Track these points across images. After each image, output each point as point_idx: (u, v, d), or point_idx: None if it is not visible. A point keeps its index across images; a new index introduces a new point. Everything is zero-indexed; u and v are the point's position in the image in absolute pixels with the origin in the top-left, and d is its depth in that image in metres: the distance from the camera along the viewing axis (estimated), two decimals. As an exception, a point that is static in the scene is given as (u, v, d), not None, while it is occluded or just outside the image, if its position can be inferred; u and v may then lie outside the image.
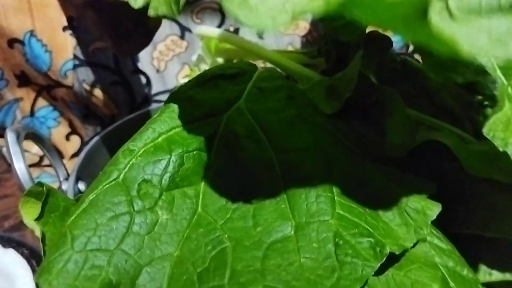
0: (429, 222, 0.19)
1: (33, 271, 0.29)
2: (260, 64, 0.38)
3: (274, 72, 0.31)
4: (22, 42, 0.45)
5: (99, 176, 0.20)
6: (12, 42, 0.45)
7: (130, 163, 0.20)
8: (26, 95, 0.50)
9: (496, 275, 0.23)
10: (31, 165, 0.51)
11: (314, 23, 0.55)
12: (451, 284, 0.20)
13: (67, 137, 0.52)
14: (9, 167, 0.53)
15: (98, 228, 0.18)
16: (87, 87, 0.48)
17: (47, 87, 0.49)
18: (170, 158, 0.20)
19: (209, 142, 0.22)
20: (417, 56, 0.52)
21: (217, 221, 0.19)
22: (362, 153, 0.24)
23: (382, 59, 0.31)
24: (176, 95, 0.24)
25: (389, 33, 0.29)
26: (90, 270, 0.16)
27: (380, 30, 0.28)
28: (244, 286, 0.16)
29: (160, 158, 0.20)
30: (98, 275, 0.16)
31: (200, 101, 0.24)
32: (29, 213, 0.20)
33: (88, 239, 0.17)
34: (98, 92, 0.48)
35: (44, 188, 0.20)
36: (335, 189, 0.20)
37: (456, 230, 0.24)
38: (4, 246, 0.30)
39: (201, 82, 0.26)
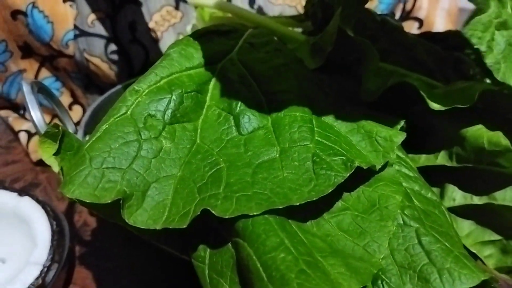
0: (395, 147, 0.23)
1: (48, 215, 0.32)
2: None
3: (264, 31, 0.34)
4: (25, 14, 0.47)
5: (109, 112, 0.23)
6: (15, 13, 0.47)
7: (137, 101, 0.23)
8: (30, 66, 0.52)
9: (459, 200, 0.26)
10: (36, 133, 0.54)
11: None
12: (415, 202, 0.23)
13: (70, 107, 0.55)
14: (15, 136, 0.55)
15: (112, 151, 0.21)
16: (88, 57, 0.50)
17: (49, 57, 0.51)
18: (171, 97, 0.23)
19: (205, 87, 0.25)
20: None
21: (213, 149, 0.22)
22: (341, 99, 0.27)
23: (361, 17, 0.34)
24: (175, 46, 0.27)
25: None
26: (107, 183, 0.20)
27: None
28: (236, 192, 0.19)
29: (163, 97, 0.23)
30: (113, 187, 0.20)
31: (196, 51, 0.27)
32: (46, 151, 0.23)
33: (104, 159, 0.20)
34: (98, 61, 0.51)
35: (60, 129, 0.23)
36: (314, 121, 0.23)
37: (425, 163, 0.27)
38: (20, 194, 0.33)
39: (197, 36, 0.29)
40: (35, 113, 0.27)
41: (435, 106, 0.25)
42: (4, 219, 0.32)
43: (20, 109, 0.57)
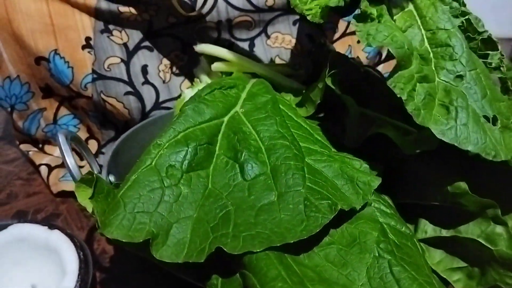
0: (372, 190, 0.27)
1: (75, 246, 0.37)
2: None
3: (262, 83, 0.39)
4: (47, 60, 0.52)
5: (137, 163, 0.28)
6: (39, 59, 0.53)
7: (159, 153, 0.28)
8: (49, 105, 0.57)
9: (430, 233, 0.31)
10: (55, 166, 0.58)
11: (298, 38, 0.63)
12: (390, 235, 0.28)
13: (86, 141, 0.60)
14: (35, 168, 0.60)
15: (141, 197, 0.25)
16: (104, 97, 0.55)
17: (69, 97, 0.56)
18: (187, 149, 0.28)
19: (214, 138, 0.30)
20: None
21: (223, 193, 0.27)
22: (328, 144, 0.32)
23: (346, 70, 0.39)
24: (189, 103, 0.32)
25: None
26: (138, 225, 0.24)
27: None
28: (242, 232, 0.24)
29: (180, 149, 0.28)
30: (143, 228, 0.24)
31: (207, 107, 0.32)
32: (82, 195, 0.28)
33: (135, 204, 0.25)
34: (113, 101, 0.56)
35: (94, 176, 0.28)
36: (306, 169, 0.28)
37: (400, 201, 0.32)
38: (50, 228, 0.38)
39: (206, 92, 0.34)
40: (70, 160, 0.31)
41: (406, 151, 0.30)
42: (36, 250, 0.37)
43: (39, 143, 0.62)
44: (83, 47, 0.54)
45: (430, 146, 0.29)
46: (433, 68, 0.29)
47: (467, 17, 0.34)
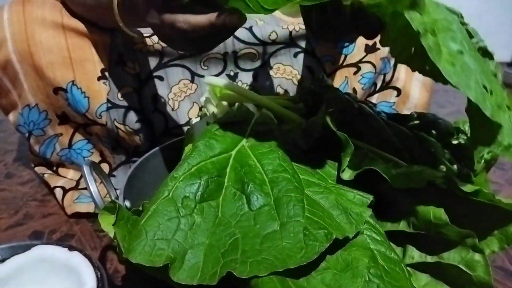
0: (364, 220, 0.31)
1: (93, 266, 0.40)
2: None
3: (266, 118, 0.43)
4: (65, 90, 0.56)
5: (156, 194, 0.31)
6: (57, 90, 0.56)
7: (175, 185, 0.31)
8: (65, 131, 0.61)
9: (416, 258, 0.34)
10: (70, 189, 0.62)
11: (299, 69, 0.68)
12: (380, 261, 0.31)
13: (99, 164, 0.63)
14: (50, 190, 0.63)
15: (160, 226, 0.29)
16: (117, 125, 0.59)
17: (84, 125, 0.60)
18: (200, 182, 0.32)
19: (224, 171, 0.34)
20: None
21: (231, 222, 0.30)
22: (325, 176, 0.36)
23: (342, 106, 0.43)
24: (201, 139, 0.36)
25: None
26: (158, 251, 0.28)
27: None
28: (249, 258, 0.27)
29: (194, 182, 0.32)
30: (163, 253, 0.28)
31: (217, 142, 0.36)
32: (105, 221, 0.32)
33: (155, 232, 0.28)
34: (125, 128, 0.60)
35: (117, 204, 0.32)
36: (305, 200, 0.32)
37: (390, 228, 0.35)
38: (70, 249, 0.41)
39: (216, 128, 0.37)
40: (93, 189, 0.35)
41: (395, 185, 0.33)
42: (57, 270, 0.40)
43: (53, 166, 0.65)
44: (99, 78, 0.58)
45: (419, 183, 0.32)
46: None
47: (466, 27, 0.36)
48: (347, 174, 0.35)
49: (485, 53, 0.36)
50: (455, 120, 0.51)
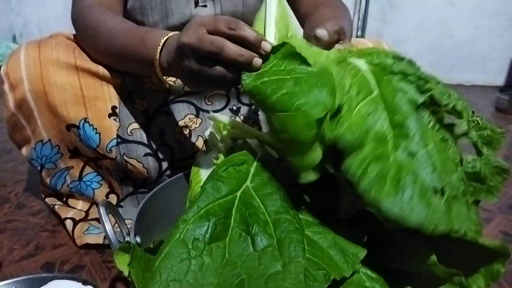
0: (359, 260, 0.34)
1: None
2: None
3: (268, 156, 0.46)
4: (77, 127, 0.59)
5: (168, 236, 0.34)
6: (70, 127, 0.59)
7: (186, 228, 0.34)
8: (76, 164, 0.64)
9: (410, 295, 0.37)
10: (79, 220, 0.64)
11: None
12: (375, 298, 0.33)
13: (107, 196, 0.66)
14: (60, 221, 0.66)
15: (173, 268, 0.31)
16: (126, 159, 0.62)
17: (94, 158, 0.63)
18: (209, 224, 0.35)
19: (230, 212, 0.37)
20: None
21: (237, 262, 0.33)
22: (323, 216, 0.39)
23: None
24: (209, 181, 0.38)
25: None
26: (171, 291, 0.30)
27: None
28: (255, 298, 0.30)
29: (203, 224, 0.35)
30: (175, 294, 0.30)
31: (223, 184, 0.38)
32: (121, 260, 0.34)
33: (168, 274, 0.31)
34: (134, 162, 0.63)
35: (132, 245, 0.34)
36: (305, 241, 0.34)
37: (385, 266, 0.38)
38: (84, 284, 0.44)
39: (222, 170, 0.40)
40: (109, 229, 0.38)
41: (388, 226, 0.36)
42: (72, 303, 0.43)
43: (63, 197, 0.68)
44: (110, 115, 0.61)
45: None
46: (390, 148, 0.33)
47: (431, 92, 0.39)
48: (344, 213, 0.38)
49: (454, 114, 0.39)
50: None
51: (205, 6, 0.75)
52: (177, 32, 0.46)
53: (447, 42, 1.98)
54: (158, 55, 0.46)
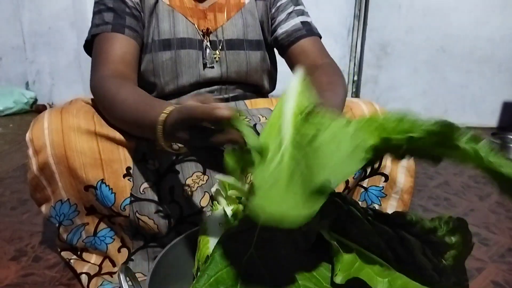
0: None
1: None
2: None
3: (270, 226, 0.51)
4: (95, 187, 0.64)
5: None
6: (88, 187, 0.65)
7: (198, 297, 0.39)
8: (91, 221, 0.69)
9: None
10: (94, 275, 0.68)
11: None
12: None
13: (119, 250, 0.70)
14: (76, 275, 0.70)
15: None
16: (139, 216, 0.67)
17: (108, 216, 0.68)
18: (218, 292, 0.39)
19: (236, 279, 0.41)
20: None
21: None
22: (320, 280, 0.43)
23: (333, 211, 0.51)
24: (216, 250, 0.43)
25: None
26: None
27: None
28: None
29: (213, 292, 0.39)
30: None
31: (228, 252, 0.43)
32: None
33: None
34: (145, 219, 0.67)
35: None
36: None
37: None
38: None
39: (227, 238, 0.45)
40: (128, 293, 0.42)
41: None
42: None
43: (78, 251, 0.72)
44: (124, 176, 0.66)
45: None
46: None
47: None
48: (339, 279, 0.42)
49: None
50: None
51: (213, 67, 0.83)
52: (177, 105, 0.52)
53: (440, 87, 2.06)
54: (161, 126, 0.52)
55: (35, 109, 2.27)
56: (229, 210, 0.58)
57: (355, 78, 2.21)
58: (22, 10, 2.18)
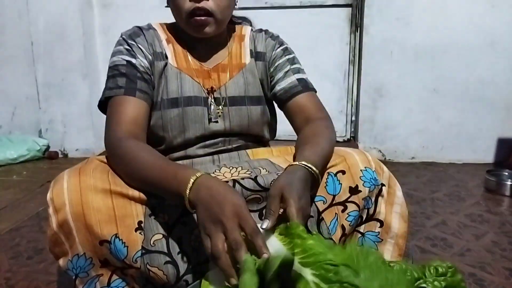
0: None
1: None
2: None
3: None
4: (109, 242, 0.70)
5: None
6: (102, 242, 0.70)
7: None
8: (105, 272, 0.74)
9: None
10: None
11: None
12: None
13: (130, 300, 0.75)
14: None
15: None
16: (149, 267, 0.72)
17: (121, 268, 0.73)
18: None
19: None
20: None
21: None
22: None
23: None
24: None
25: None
26: None
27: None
28: None
29: None
30: None
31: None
32: None
33: None
34: (155, 270, 0.72)
35: None
36: None
37: None
38: None
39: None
40: None
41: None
42: None
43: (91, 299, 0.77)
44: (136, 230, 0.72)
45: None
46: None
47: None
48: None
49: None
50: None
51: (217, 122, 0.91)
52: (203, 173, 0.59)
53: (435, 125, 2.14)
54: (188, 191, 0.59)
55: (48, 155, 2.35)
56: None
57: (353, 118, 2.29)
58: (37, 64, 2.31)
